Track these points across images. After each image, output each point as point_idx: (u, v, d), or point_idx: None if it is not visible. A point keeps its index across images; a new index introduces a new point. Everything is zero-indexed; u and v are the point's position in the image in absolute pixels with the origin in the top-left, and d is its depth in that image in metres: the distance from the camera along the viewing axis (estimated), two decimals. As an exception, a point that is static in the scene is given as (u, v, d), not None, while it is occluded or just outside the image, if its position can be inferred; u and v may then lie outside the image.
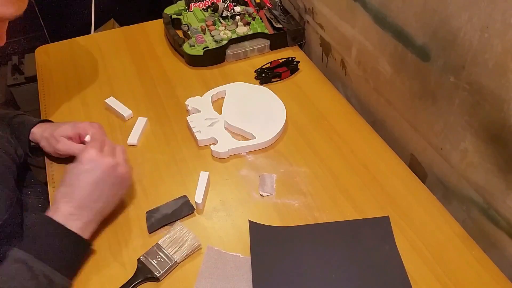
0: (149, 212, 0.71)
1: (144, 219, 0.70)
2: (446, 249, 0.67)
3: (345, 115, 0.89)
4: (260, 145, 0.81)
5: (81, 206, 0.63)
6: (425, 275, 0.64)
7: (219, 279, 0.63)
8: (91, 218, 0.64)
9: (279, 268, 0.64)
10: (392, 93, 0.82)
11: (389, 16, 0.76)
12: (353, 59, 0.91)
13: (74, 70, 1.02)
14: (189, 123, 0.85)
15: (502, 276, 0.64)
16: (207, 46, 1.00)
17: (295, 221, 0.70)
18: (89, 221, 0.64)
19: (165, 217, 0.70)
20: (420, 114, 0.76)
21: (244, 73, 0.99)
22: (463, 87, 0.65)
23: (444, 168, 0.74)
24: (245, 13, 1.08)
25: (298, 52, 1.05)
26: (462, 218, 0.72)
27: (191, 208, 0.71)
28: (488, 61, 0.59)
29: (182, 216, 0.70)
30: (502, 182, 0.63)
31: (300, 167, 0.79)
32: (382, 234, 0.68)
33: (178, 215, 0.70)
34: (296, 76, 0.98)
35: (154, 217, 0.70)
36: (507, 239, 0.65)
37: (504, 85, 0.57)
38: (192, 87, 0.95)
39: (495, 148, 0.62)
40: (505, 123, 0.59)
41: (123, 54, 1.05)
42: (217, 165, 0.80)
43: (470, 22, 0.60)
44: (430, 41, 0.68)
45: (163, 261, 0.63)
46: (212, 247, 0.67)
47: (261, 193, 0.74)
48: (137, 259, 0.64)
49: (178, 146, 0.83)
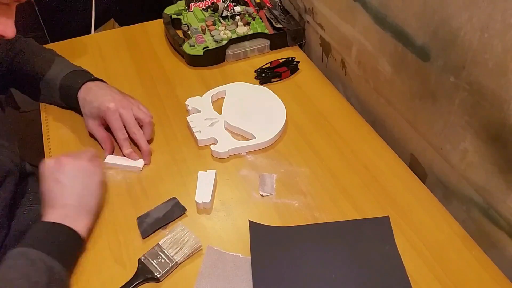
0: (140, 217, 0.70)
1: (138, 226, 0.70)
2: (446, 249, 0.67)
3: (345, 115, 0.89)
4: (260, 145, 0.81)
5: (56, 207, 0.64)
6: (425, 275, 0.64)
7: (219, 279, 0.63)
8: (75, 213, 0.65)
9: (279, 268, 0.64)
10: (392, 93, 0.82)
11: (389, 16, 0.76)
12: (353, 59, 0.91)
13: (74, 70, 1.01)
14: (189, 123, 0.85)
15: (502, 276, 0.64)
16: (207, 46, 1.00)
17: (295, 221, 0.70)
18: (75, 216, 0.64)
19: (157, 221, 0.69)
20: (420, 114, 0.76)
21: (244, 73, 0.99)
22: (463, 87, 0.65)
23: (444, 168, 0.74)
24: (245, 13, 1.08)
25: (298, 52, 1.05)
26: (462, 218, 0.72)
27: (182, 209, 0.71)
28: (488, 61, 0.59)
29: (174, 218, 0.70)
30: (502, 182, 0.63)
31: (300, 167, 0.79)
32: (382, 234, 0.68)
33: (170, 218, 0.70)
34: (296, 76, 0.98)
35: (146, 222, 0.69)
36: (507, 239, 0.65)
37: (504, 85, 0.57)
38: (192, 87, 0.95)
39: (495, 148, 0.62)
40: (505, 123, 0.59)
41: (123, 54, 1.05)
42: (217, 165, 0.80)
43: (470, 22, 0.60)
44: (430, 41, 0.68)
45: (163, 261, 0.63)
46: (212, 247, 0.67)
47: (261, 193, 0.74)
48: (138, 260, 0.64)
49: (178, 146, 0.83)
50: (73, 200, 0.65)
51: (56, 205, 0.65)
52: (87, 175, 0.68)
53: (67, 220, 0.63)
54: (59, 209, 0.64)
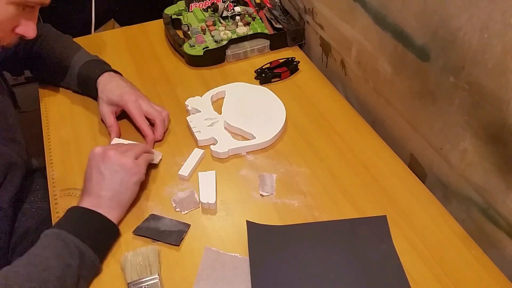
0: (152, 215, 0.71)
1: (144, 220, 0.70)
2: (446, 249, 0.67)
3: (345, 115, 0.89)
4: (260, 145, 0.81)
5: (92, 195, 0.67)
6: (425, 275, 0.64)
7: (217, 280, 0.63)
8: (107, 204, 0.67)
9: (277, 267, 0.64)
10: (392, 93, 0.82)
11: (389, 16, 0.76)
12: (353, 59, 0.91)
13: (74, 70, 1.02)
14: (189, 123, 0.85)
15: (502, 276, 0.64)
16: (207, 46, 1.00)
17: (295, 221, 0.70)
18: (107, 208, 0.67)
19: (153, 231, 0.69)
20: (420, 114, 0.76)
21: (244, 73, 0.99)
22: (462, 87, 0.65)
23: (443, 168, 0.74)
24: (245, 13, 1.08)
25: (298, 52, 1.05)
26: (462, 218, 0.72)
27: (177, 240, 0.68)
28: (487, 61, 0.59)
29: (165, 241, 0.68)
30: (502, 182, 0.63)
31: (300, 167, 0.79)
32: (380, 233, 0.68)
33: (163, 238, 0.68)
34: (296, 76, 0.98)
35: (148, 224, 0.70)
36: (507, 239, 0.65)
37: (503, 85, 0.57)
38: (192, 87, 0.95)
39: (495, 148, 0.62)
40: (505, 123, 0.59)
41: (123, 54, 1.05)
42: (217, 165, 0.80)
43: (470, 22, 0.60)
44: (430, 41, 0.68)
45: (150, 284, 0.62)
46: (210, 248, 0.67)
47: (261, 193, 0.74)
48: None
49: (178, 146, 0.83)
50: (108, 192, 0.68)
51: (92, 194, 0.67)
52: (128, 173, 0.69)
53: (100, 209, 0.66)
54: (93, 198, 0.67)
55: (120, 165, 0.68)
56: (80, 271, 0.60)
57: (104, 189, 0.67)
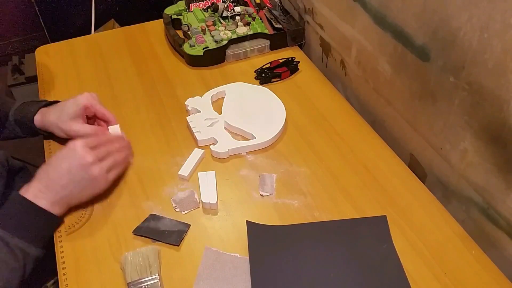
0: (152, 215, 0.71)
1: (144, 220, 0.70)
2: (446, 249, 0.67)
3: (345, 115, 0.89)
4: (260, 145, 0.81)
5: (49, 187, 0.67)
6: (425, 275, 0.64)
7: (217, 280, 0.63)
8: (57, 200, 0.67)
9: (277, 267, 0.64)
10: (392, 93, 0.82)
11: (388, 16, 0.76)
12: (353, 59, 0.92)
13: (74, 70, 1.02)
14: (189, 123, 0.85)
15: (502, 276, 0.64)
16: (207, 46, 1.00)
17: (295, 221, 0.70)
18: (55, 202, 0.67)
19: (153, 231, 0.69)
20: (420, 114, 0.76)
21: (244, 73, 0.99)
22: (462, 87, 0.65)
23: (443, 168, 0.74)
24: (245, 13, 1.08)
25: (298, 52, 1.05)
26: (462, 218, 0.72)
27: (177, 240, 0.68)
28: (487, 61, 0.59)
29: (165, 241, 0.67)
30: (502, 182, 0.63)
31: (300, 167, 0.79)
32: (380, 233, 0.68)
33: (163, 238, 0.68)
34: (296, 76, 0.98)
35: (148, 224, 0.70)
36: (507, 239, 0.65)
37: (503, 85, 0.58)
38: (192, 87, 0.95)
39: (495, 148, 0.62)
40: (505, 123, 0.59)
41: (123, 54, 1.05)
42: (217, 165, 0.80)
43: (470, 22, 0.60)
44: (430, 41, 0.68)
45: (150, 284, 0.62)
46: (209, 248, 0.67)
47: (261, 193, 0.74)
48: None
49: (178, 146, 0.83)
50: (64, 191, 0.67)
51: (46, 182, 0.67)
52: (92, 185, 0.69)
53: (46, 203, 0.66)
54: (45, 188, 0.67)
55: (90, 177, 0.68)
56: (25, 268, 0.63)
57: (61, 187, 0.67)
